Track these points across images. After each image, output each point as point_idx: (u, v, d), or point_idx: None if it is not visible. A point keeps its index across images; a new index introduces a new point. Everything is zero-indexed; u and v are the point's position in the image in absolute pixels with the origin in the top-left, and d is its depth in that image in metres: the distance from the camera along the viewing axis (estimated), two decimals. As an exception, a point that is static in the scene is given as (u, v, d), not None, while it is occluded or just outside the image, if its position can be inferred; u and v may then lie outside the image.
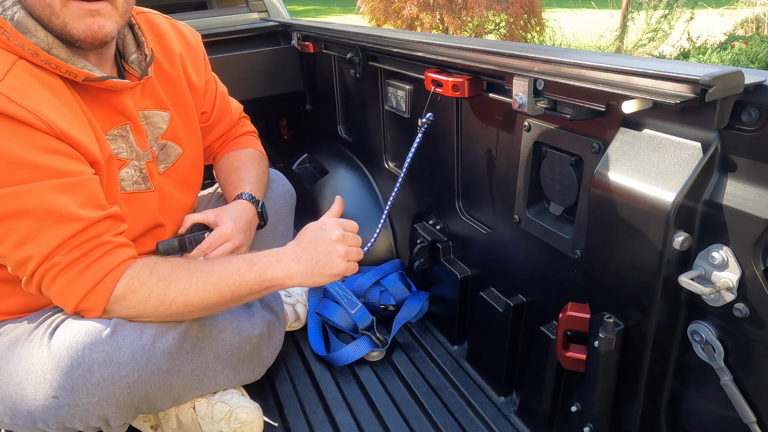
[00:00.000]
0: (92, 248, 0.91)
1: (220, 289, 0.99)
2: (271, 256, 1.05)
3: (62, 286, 0.91)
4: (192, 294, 0.97)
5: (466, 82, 1.12)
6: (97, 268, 0.91)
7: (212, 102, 1.36)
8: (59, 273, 0.90)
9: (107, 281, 0.92)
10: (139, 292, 0.94)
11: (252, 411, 1.12)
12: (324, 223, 1.09)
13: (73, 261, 0.90)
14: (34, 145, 0.86)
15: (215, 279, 0.99)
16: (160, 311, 0.96)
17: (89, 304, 0.93)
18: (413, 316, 1.48)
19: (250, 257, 1.04)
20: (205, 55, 1.33)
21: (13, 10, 0.89)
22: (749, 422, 0.75)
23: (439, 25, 6.08)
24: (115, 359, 0.93)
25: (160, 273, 0.96)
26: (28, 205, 0.86)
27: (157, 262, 0.98)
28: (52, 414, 0.93)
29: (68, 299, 0.92)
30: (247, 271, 1.01)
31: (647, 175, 0.77)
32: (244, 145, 1.45)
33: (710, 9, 7.63)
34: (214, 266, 1.01)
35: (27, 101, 0.85)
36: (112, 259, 0.93)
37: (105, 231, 0.94)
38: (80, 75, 0.94)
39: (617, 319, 0.86)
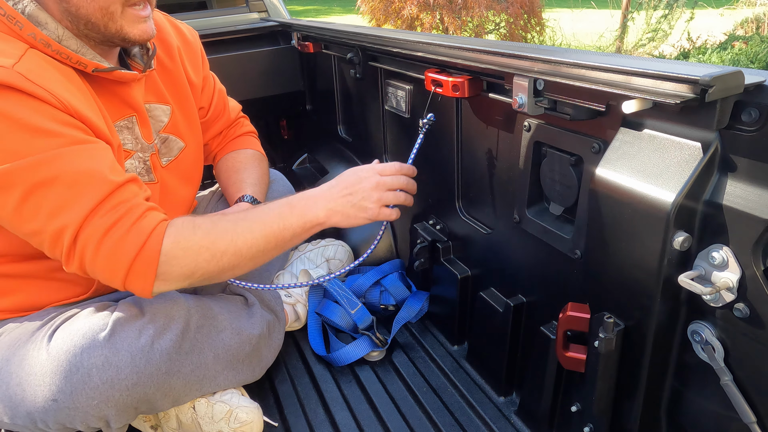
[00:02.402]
0: (128, 210, 0.89)
1: (266, 235, 1.00)
2: (308, 198, 1.07)
3: (108, 254, 0.87)
4: (240, 243, 0.97)
5: (466, 82, 1.12)
6: (139, 229, 0.88)
7: (210, 98, 1.37)
8: (101, 240, 0.86)
9: (153, 241, 0.89)
10: (187, 248, 0.92)
11: (252, 411, 1.12)
12: (360, 169, 1.14)
13: (112, 225, 0.87)
14: (54, 118, 0.86)
15: (260, 226, 1.00)
16: (212, 266, 0.95)
17: (140, 269, 0.89)
18: (413, 316, 1.48)
19: (288, 201, 1.06)
20: (203, 53, 1.35)
21: (24, 3, 0.90)
22: (749, 422, 0.75)
23: (439, 25, 6.08)
24: (114, 362, 0.93)
25: (204, 228, 0.95)
26: (57, 171, 0.85)
27: (195, 218, 0.97)
28: (52, 415, 0.93)
29: (117, 267, 0.88)
30: (288, 214, 1.03)
31: (647, 175, 0.77)
32: (244, 145, 1.45)
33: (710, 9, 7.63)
34: (256, 214, 1.02)
35: (43, 81, 0.86)
36: (151, 220, 0.91)
37: (134, 194, 0.92)
38: (90, 65, 0.95)
39: (617, 319, 0.86)
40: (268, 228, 1.00)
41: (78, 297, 1.08)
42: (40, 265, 1.02)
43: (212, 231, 0.95)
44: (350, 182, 1.11)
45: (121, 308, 1.01)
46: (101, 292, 1.12)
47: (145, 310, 1.02)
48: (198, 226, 0.95)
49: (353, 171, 1.14)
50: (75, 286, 1.07)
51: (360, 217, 1.11)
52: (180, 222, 0.94)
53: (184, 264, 0.92)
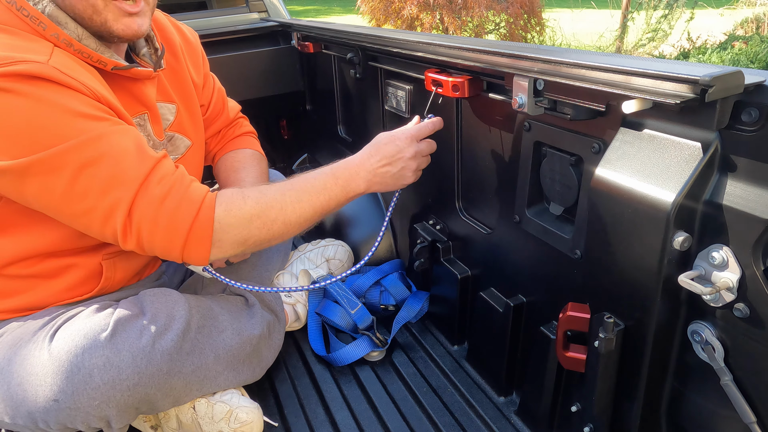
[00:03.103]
0: (174, 182, 0.92)
1: (312, 204, 1.04)
2: (351, 168, 1.10)
3: (165, 226, 0.90)
4: (289, 212, 1.01)
5: (466, 82, 1.12)
6: (190, 199, 0.92)
7: (209, 97, 1.39)
8: (157, 213, 0.89)
9: (205, 208, 0.93)
10: (240, 216, 0.96)
11: (252, 411, 1.12)
12: (397, 138, 1.13)
13: (164, 196, 0.90)
14: (91, 105, 0.89)
15: (307, 196, 1.04)
16: (264, 233, 0.99)
17: (196, 237, 0.92)
18: (413, 316, 1.48)
19: (332, 171, 1.09)
20: (203, 54, 1.37)
21: (44, 4, 0.92)
22: (749, 422, 0.75)
23: (439, 25, 6.08)
24: (115, 363, 0.93)
25: (253, 197, 0.99)
26: (102, 149, 0.87)
27: (243, 189, 1.01)
28: (53, 416, 0.93)
29: (175, 238, 0.92)
30: (333, 185, 1.07)
31: (647, 175, 0.77)
32: (243, 145, 1.45)
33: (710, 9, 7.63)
34: (302, 184, 1.06)
35: (76, 74, 0.89)
36: (197, 190, 0.95)
37: (173, 167, 0.95)
38: (110, 64, 0.98)
39: (617, 319, 0.86)
40: (314, 198, 1.05)
41: (82, 296, 1.09)
42: (45, 265, 1.02)
43: (262, 200, 0.99)
44: (389, 153, 1.12)
45: (122, 308, 1.01)
46: (106, 291, 1.12)
47: (146, 310, 1.02)
48: (248, 195, 0.99)
49: (391, 139, 1.13)
50: (79, 285, 1.07)
51: (398, 185, 1.16)
52: (230, 192, 0.99)
53: (237, 231, 0.96)
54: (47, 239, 1.00)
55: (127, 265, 1.14)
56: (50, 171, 0.86)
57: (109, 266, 1.09)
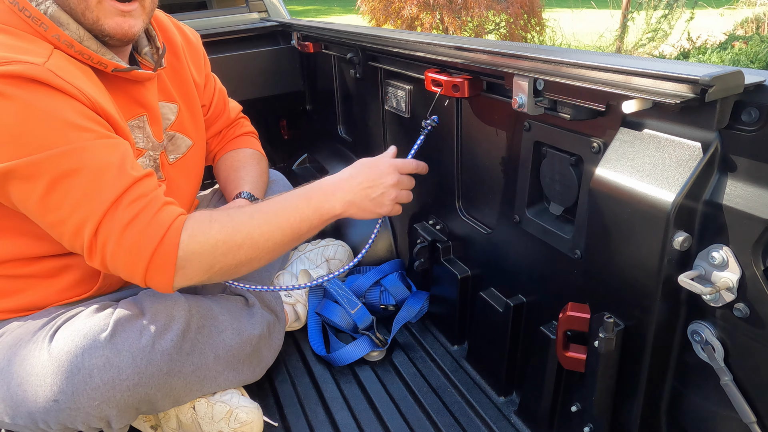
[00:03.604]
0: (147, 204, 0.90)
1: (282, 228, 0.99)
2: (326, 188, 1.06)
3: (129, 248, 0.88)
4: (257, 236, 0.97)
5: (466, 82, 1.12)
6: (158, 223, 0.90)
7: (210, 97, 1.39)
8: (122, 234, 0.88)
9: (171, 234, 0.90)
10: (204, 242, 0.92)
11: (252, 411, 1.12)
12: (380, 163, 1.11)
13: (132, 218, 0.88)
14: (81, 113, 0.89)
15: (276, 219, 0.99)
16: (230, 259, 0.95)
17: (159, 263, 0.89)
18: (413, 316, 1.48)
19: (305, 192, 1.04)
20: (204, 54, 1.37)
21: (47, 5, 0.92)
22: (749, 422, 0.75)
23: (439, 25, 6.08)
24: (115, 363, 0.93)
25: (220, 221, 0.95)
26: (81, 162, 0.87)
27: (212, 212, 0.97)
28: (53, 416, 0.93)
29: (138, 261, 0.89)
30: (305, 207, 1.02)
31: (647, 175, 0.77)
32: (243, 145, 1.46)
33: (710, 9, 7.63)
34: (272, 206, 1.01)
35: (71, 78, 0.88)
36: (169, 213, 0.92)
37: (152, 188, 0.93)
38: (110, 66, 0.98)
39: (617, 319, 0.86)
40: (284, 221, 1.00)
41: (81, 296, 1.09)
42: (44, 265, 1.02)
43: (228, 224, 0.95)
44: (371, 176, 1.09)
45: (122, 308, 1.01)
46: (104, 290, 1.12)
47: (146, 310, 1.02)
48: (214, 219, 0.95)
49: (374, 163, 1.11)
50: (78, 285, 1.07)
51: (375, 212, 1.11)
52: (197, 216, 0.95)
53: (202, 258, 0.93)
54: (43, 240, 1.00)
55: None
56: (29, 177, 0.85)
57: None
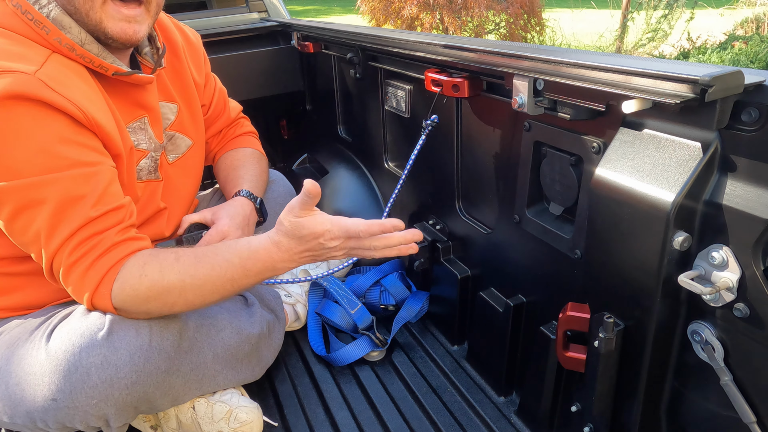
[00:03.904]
0: (94, 245, 0.92)
1: (216, 293, 0.98)
2: (266, 260, 0.98)
3: (73, 288, 0.93)
4: (191, 297, 0.97)
5: (466, 82, 1.12)
6: (96, 269, 0.92)
7: (211, 97, 1.39)
8: (67, 274, 0.92)
9: (105, 283, 0.92)
10: (134, 296, 0.93)
11: (252, 411, 1.12)
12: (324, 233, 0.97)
13: (76, 261, 0.91)
14: (62, 136, 0.89)
15: (210, 285, 0.97)
16: (166, 310, 0.98)
17: (99, 305, 0.94)
18: (413, 316, 1.48)
19: (243, 263, 0.97)
20: (204, 54, 1.38)
21: (49, 8, 0.91)
22: (749, 422, 0.75)
23: (439, 25, 6.08)
24: (113, 361, 0.93)
25: (150, 277, 0.93)
26: (47, 195, 0.88)
27: (147, 263, 0.94)
28: (52, 415, 0.93)
29: (82, 300, 0.94)
30: (241, 278, 0.98)
31: (647, 175, 0.77)
32: (243, 144, 1.46)
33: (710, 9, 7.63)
34: (206, 270, 0.96)
35: (63, 89, 0.88)
36: (110, 258, 0.93)
37: (111, 225, 0.94)
38: (111, 69, 0.98)
39: (617, 319, 0.86)
40: (219, 286, 0.97)
41: None
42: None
43: (159, 283, 0.93)
44: (313, 248, 0.98)
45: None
46: None
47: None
48: (144, 274, 0.93)
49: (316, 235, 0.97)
50: None
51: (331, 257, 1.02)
52: (131, 264, 0.93)
53: (135, 308, 0.95)
54: None
55: None
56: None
57: None
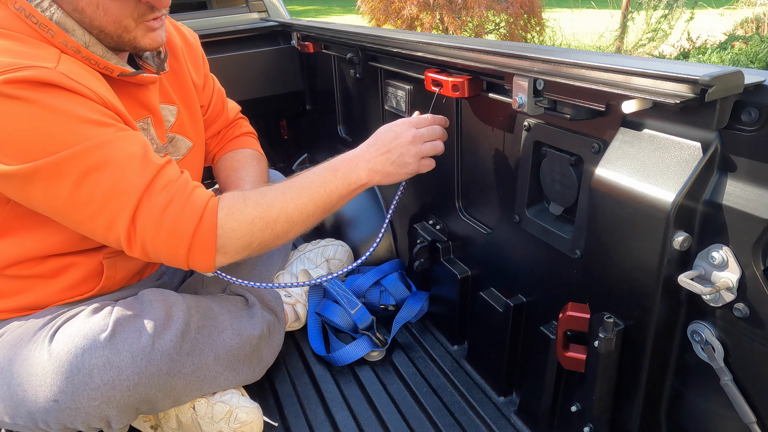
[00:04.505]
0: (178, 188, 0.93)
1: (314, 199, 1.03)
2: (350, 160, 1.09)
3: (169, 234, 0.91)
4: (291, 209, 1.01)
5: (466, 82, 1.12)
6: (193, 205, 0.93)
7: (209, 97, 1.39)
8: (160, 220, 0.90)
9: (208, 214, 0.93)
10: (242, 219, 0.96)
11: (252, 411, 1.12)
12: (394, 125, 1.12)
13: (167, 203, 0.90)
14: (98, 111, 0.90)
15: (307, 192, 1.03)
16: (267, 233, 0.99)
17: (200, 244, 0.93)
18: (413, 316, 1.48)
19: (331, 165, 1.08)
20: (203, 55, 1.37)
21: (51, 11, 0.92)
22: (749, 422, 0.75)
23: (439, 25, 6.08)
24: (115, 363, 0.93)
25: (254, 199, 0.99)
26: (106, 155, 0.88)
27: (243, 192, 1.01)
28: (53, 416, 0.93)
29: (179, 245, 0.92)
30: (332, 178, 1.06)
31: (647, 175, 0.77)
32: (242, 145, 1.46)
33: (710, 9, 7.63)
34: (301, 180, 1.05)
35: (83, 80, 0.89)
36: (201, 195, 0.95)
37: (179, 172, 0.96)
38: (116, 70, 0.99)
39: (617, 319, 0.86)
40: (315, 193, 1.04)
41: (83, 295, 1.09)
42: (49, 265, 1.03)
43: (262, 201, 0.99)
44: (387, 139, 1.11)
45: (121, 308, 1.01)
46: (107, 290, 1.12)
47: (145, 310, 1.02)
48: (248, 198, 0.99)
49: (389, 127, 1.13)
50: (81, 284, 1.08)
51: (401, 174, 1.12)
52: (230, 196, 0.98)
53: (240, 235, 0.96)
54: (50, 242, 1.00)
55: (128, 264, 1.14)
56: (54, 176, 0.86)
57: (109, 265, 1.09)
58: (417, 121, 1.14)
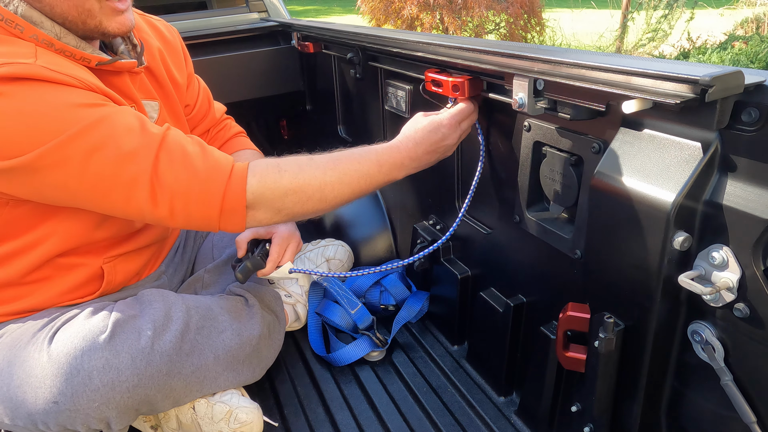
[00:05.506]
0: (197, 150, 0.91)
1: (352, 188, 1.02)
2: (397, 158, 1.06)
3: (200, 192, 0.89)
4: (328, 191, 0.99)
5: (466, 82, 1.12)
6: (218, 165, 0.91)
7: (195, 96, 1.37)
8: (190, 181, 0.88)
9: (236, 176, 0.92)
10: (274, 188, 0.95)
11: (252, 411, 1.12)
12: (442, 124, 1.10)
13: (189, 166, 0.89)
14: (85, 96, 0.88)
15: (348, 179, 1.01)
16: (298, 208, 0.98)
17: (231, 203, 0.91)
18: (413, 316, 1.48)
19: (377, 158, 1.05)
20: (184, 50, 1.34)
21: (15, 4, 0.89)
22: (749, 422, 0.75)
23: (439, 25, 6.08)
24: (114, 365, 0.93)
25: (291, 171, 0.97)
26: (105, 131, 0.86)
27: (280, 161, 0.99)
28: (53, 417, 0.93)
29: (211, 203, 0.91)
30: (376, 173, 1.04)
31: (647, 175, 0.77)
32: (240, 146, 1.45)
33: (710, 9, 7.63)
34: (345, 165, 1.02)
35: (66, 70, 0.88)
36: (221, 156, 0.94)
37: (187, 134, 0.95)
38: (94, 60, 0.96)
39: (617, 319, 0.86)
40: (355, 182, 1.02)
41: (83, 298, 1.09)
42: (47, 270, 1.03)
43: (300, 176, 0.97)
44: (435, 140, 1.09)
45: (120, 309, 1.01)
46: (107, 293, 1.12)
47: (145, 311, 1.02)
48: (284, 169, 0.97)
49: (437, 125, 1.10)
50: (80, 288, 1.07)
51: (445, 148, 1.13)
52: (264, 164, 0.96)
53: (272, 201, 0.95)
54: (53, 244, 1.00)
55: (128, 266, 1.14)
56: (58, 163, 0.84)
57: (110, 270, 1.09)
58: (461, 117, 1.12)
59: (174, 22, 1.43)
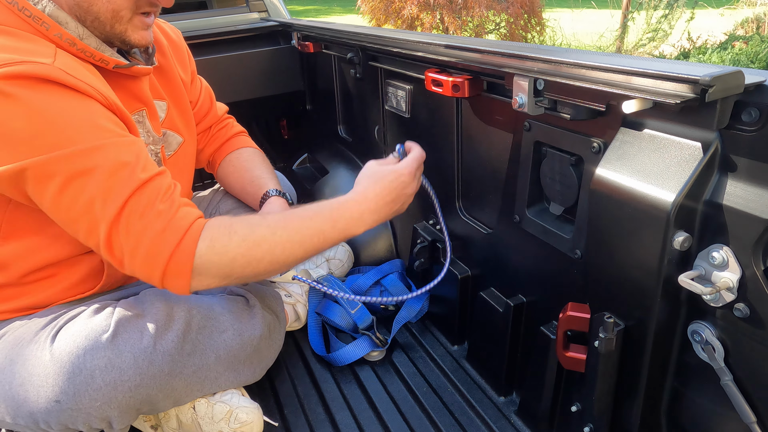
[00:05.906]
0: (164, 207, 0.89)
1: (304, 247, 0.99)
2: (354, 211, 1.04)
3: (147, 251, 0.87)
4: (278, 252, 0.96)
5: (466, 82, 1.12)
6: (175, 227, 0.88)
7: (197, 94, 1.39)
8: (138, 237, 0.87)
9: (188, 240, 0.89)
10: (223, 254, 0.91)
11: (252, 411, 1.12)
12: (402, 174, 1.10)
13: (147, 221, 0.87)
14: (97, 112, 0.88)
15: (299, 237, 0.98)
16: (248, 271, 0.95)
17: (175, 269, 0.88)
18: (413, 316, 1.48)
19: (331, 214, 1.02)
20: (188, 50, 1.36)
21: (44, 3, 0.91)
22: (749, 422, 0.75)
23: (439, 25, 6.08)
24: (117, 364, 0.93)
25: (241, 233, 0.93)
26: (95, 162, 0.85)
27: (233, 222, 0.95)
28: (55, 416, 0.93)
29: (155, 264, 0.88)
30: (330, 230, 1.01)
31: (647, 175, 0.77)
32: (241, 145, 1.46)
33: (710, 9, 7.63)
34: (296, 223, 0.99)
35: (82, 77, 0.88)
36: (185, 216, 0.90)
37: (168, 187, 0.92)
38: (111, 62, 0.98)
39: (617, 319, 0.86)
40: (307, 241, 0.99)
41: (85, 293, 1.09)
42: (50, 268, 1.03)
43: (249, 237, 0.93)
44: (395, 189, 1.09)
45: (123, 309, 1.01)
46: (108, 287, 1.12)
47: (147, 310, 1.02)
48: (235, 231, 0.93)
49: (397, 174, 1.09)
50: (83, 282, 1.08)
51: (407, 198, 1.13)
52: (216, 225, 0.93)
53: (219, 268, 0.92)
54: (55, 246, 1.00)
55: None
56: (43, 177, 0.84)
57: (110, 264, 1.09)
58: (417, 165, 1.13)
59: (174, 22, 1.43)
